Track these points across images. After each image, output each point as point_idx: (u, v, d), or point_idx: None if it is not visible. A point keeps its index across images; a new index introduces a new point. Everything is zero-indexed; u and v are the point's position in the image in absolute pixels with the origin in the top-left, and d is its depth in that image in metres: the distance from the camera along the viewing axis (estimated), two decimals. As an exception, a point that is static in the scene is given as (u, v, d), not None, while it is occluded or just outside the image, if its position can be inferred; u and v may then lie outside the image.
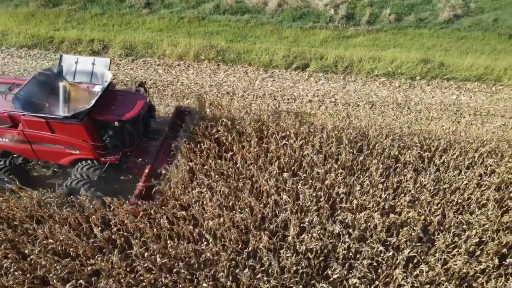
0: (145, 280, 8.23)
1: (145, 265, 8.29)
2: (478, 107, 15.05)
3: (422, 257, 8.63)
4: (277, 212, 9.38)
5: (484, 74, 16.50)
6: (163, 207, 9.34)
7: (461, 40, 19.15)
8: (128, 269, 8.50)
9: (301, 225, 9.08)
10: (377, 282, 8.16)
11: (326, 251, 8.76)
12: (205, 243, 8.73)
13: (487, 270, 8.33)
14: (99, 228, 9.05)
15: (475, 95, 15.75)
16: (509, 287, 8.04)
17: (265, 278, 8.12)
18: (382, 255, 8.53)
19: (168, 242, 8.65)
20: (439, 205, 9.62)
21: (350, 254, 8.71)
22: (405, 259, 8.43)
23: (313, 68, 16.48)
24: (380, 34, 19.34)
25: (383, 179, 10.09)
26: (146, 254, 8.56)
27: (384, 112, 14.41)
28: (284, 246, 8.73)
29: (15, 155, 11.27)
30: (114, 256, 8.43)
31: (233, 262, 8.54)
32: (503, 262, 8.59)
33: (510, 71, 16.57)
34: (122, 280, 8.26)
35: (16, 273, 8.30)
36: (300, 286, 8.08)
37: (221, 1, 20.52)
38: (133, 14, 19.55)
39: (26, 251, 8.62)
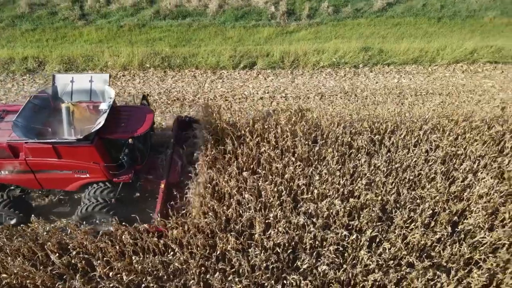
0: (113, 301, 7.90)
1: (111, 285, 7.96)
2: (418, 87, 15.96)
3: (384, 236, 9.01)
4: (241, 212, 9.37)
5: (420, 57, 17.56)
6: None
7: (396, 27, 20.23)
8: (93, 292, 8.12)
9: (266, 221, 9.14)
10: (345, 266, 8.41)
11: (293, 243, 8.90)
12: (172, 253, 8.54)
13: (442, 239, 8.87)
14: (57, 254, 8.55)
15: (414, 77, 16.70)
16: (464, 252, 8.62)
17: (236, 279, 8.10)
18: (346, 239, 8.82)
19: (133, 257, 8.36)
20: (393, 184, 10.11)
21: (317, 242, 8.91)
22: (368, 239, 8.76)
23: (260, 66, 16.65)
24: (321, 27, 19.95)
25: (340, 166, 10.41)
26: (111, 273, 8.23)
27: (333, 102, 14.86)
28: (252, 244, 8.75)
29: (12, 187, 10.30)
30: (76, 281, 8.01)
31: (202, 268, 8.43)
32: (456, 229, 9.20)
33: (442, 51, 17.78)
34: (88, 305, 7.89)
35: (-33, 316, 7.65)
36: (272, 282, 8.14)
37: (160, 7, 20.14)
38: (68, 27, 18.64)
39: (-24, 291, 7.97)
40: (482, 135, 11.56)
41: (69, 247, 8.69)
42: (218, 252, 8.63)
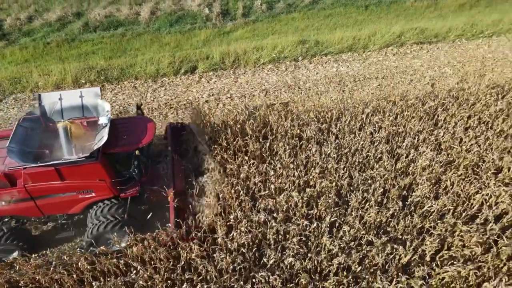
0: (77, 333, 7.45)
1: (73, 317, 7.50)
2: (356, 74, 16.69)
3: (342, 219, 9.32)
4: (200, 218, 9.24)
5: (354, 44, 18.37)
6: None
7: (328, 18, 21.02)
8: (53, 328, 7.59)
9: (228, 223, 9.09)
10: (309, 255, 8.59)
11: (257, 241, 8.93)
12: (134, 271, 8.21)
13: (395, 214, 9.36)
14: (7, 295, 7.90)
15: (351, 64, 17.44)
16: (416, 222, 9.16)
17: (205, 286, 7.98)
18: (308, 228, 9.00)
19: (93, 283, 7.92)
20: (345, 168, 10.49)
21: (280, 236, 9.01)
22: (328, 225, 9.02)
23: (202, 69, 16.50)
24: (257, 25, 20.20)
25: (292, 159, 10.61)
26: (70, 305, 7.75)
27: (278, 97, 15.10)
28: (216, 249, 8.67)
29: (6, 219, 9.39)
30: (33, 320, 7.45)
31: (169, 281, 8.19)
32: (406, 203, 9.76)
33: (373, 37, 18.74)
34: None
35: None
36: (241, 282, 8.11)
37: (89, 19, 19.28)
38: (-13, 49, 17.26)
39: None
40: (417, 112, 12.36)
41: (20, 284, 8.06)
42: (183, 263, 8.44)
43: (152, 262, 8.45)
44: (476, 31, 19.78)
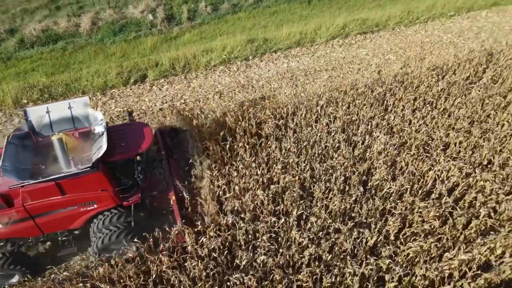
0: None
1: None
2: (306, 68, 17.03)
3: (308, 211, 9.50)
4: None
5: (301, 39, 18.73)
6: None
7: (274, 15, 21.29)
8: None
9: (196, 230, 8.96)
10: (281, 250, 8.67)
11: (227, 243, 8.88)
12: (103, 293, 7.89)
13: (357, 199, 9.69)
14: None
15: (301, 58, 17.77)
16: (378, 205, 9.53)
17: (179, 297, 7.83)
18: (276, 224, 9.09)
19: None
20: (306, 161, 10.69)
21: (250, 236, 9.02)
22: (295, 219, 9.16)
23: (152, 77, 16.10)
24: (204, 27, 20.05)
25: (254, 157, 10.65)
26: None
27: (233, 98, 15.07)
28: (187, 257, 8.52)
29: (1, 243, 8.68)
30: None
31: (141, 298, 7.96)
32: (366, 187, 10.13)
33: (319, 31, 19.21)
34: None
35: None
36: (216, 287, 8.04)
37: (24, 34, 18.18)
38: None
39: None
40: (368, 99, 12.86)
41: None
42: (154, 276, 8.22)
43: (122, 281, 8.15)
44: (413, 17, 20.89)
